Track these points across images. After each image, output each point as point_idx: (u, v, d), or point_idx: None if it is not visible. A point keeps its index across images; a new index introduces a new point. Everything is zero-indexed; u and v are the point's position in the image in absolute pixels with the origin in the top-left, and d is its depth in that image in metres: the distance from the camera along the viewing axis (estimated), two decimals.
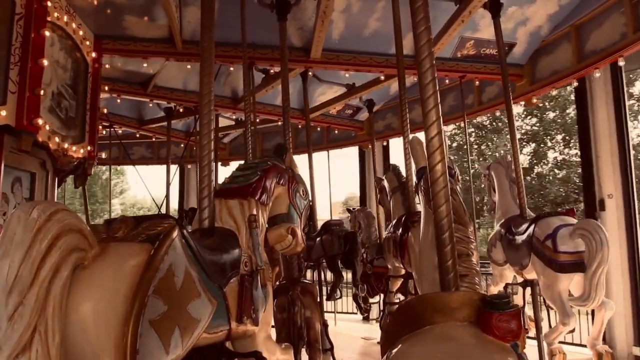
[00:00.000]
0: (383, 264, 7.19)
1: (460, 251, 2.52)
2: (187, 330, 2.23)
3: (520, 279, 5.84)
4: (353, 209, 9.42)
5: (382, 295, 7.92)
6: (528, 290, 5.79)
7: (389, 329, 2.25)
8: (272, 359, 3.32)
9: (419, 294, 3.00)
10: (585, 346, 5.88)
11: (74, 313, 1.77)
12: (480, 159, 24.44)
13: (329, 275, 8.57)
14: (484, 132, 26.06)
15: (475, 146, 25.69)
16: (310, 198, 3.90)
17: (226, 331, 2.81)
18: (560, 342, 5.56)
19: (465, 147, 18.74)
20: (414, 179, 3.44)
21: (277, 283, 4.79)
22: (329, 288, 8.40)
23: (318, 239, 7.96)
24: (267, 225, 3.46)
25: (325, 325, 6.58)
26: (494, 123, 25.43)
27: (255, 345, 3.12)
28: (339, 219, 8.83)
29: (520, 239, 5.45)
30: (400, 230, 5.65)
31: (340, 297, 8.79)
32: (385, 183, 6.67)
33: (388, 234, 6.27)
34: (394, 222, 6.15)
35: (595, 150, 7.64)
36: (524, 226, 5.48)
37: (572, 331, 5.27)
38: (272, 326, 4.35)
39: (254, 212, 3.20)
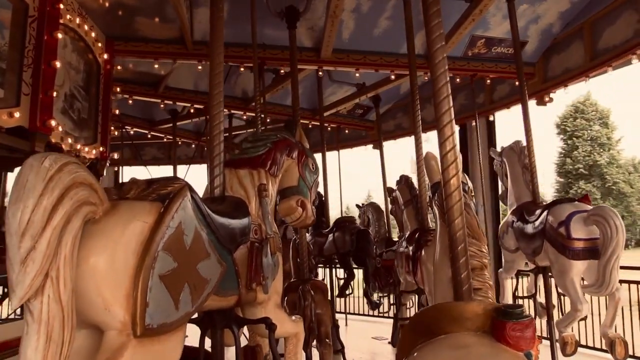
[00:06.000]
0: (391, 256, 7.19)
1: (474, 265, 2.53)
2: (196, 288, 2.25)
3: (532, 266, 5.78)
4: (362, 204, 9.43)
5: (392, 289, 7.92)
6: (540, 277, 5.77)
7: (404, 338, 2.27)
8: (281, 329, 3.29)
9: (434, 304, 3.03)
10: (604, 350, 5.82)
11: (84, 263, 1.80)
12: None
13: (340, 272, 8.59)
14: None
15: None
16: (320, 172, 3.91)
17: (236, 297, 2.83)
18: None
19: None
20: (429, 193, 3.44)
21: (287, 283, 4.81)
22: (340, 284, 8.44)
23: (330, 235, 7.95)
24: (277, 197, 3.48)
25: (336, 326, 6.57)
26: None
27: (265, 314, 3.13)
28: (351, 216, 8.86)
29: (532, 225, 5.38)
30: (413, 246, 5.63)
31: (352, 292, 8.79)
32: (398, 194, 6.66)
33: (400, 249, 6.25)
34: (406, 236, 6.12)
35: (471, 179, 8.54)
36: (537, 213, 5.40)
37: (584, 318, 5.21)
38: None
39: (264, 181, 3.22)
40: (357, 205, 9.60)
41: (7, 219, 1.60)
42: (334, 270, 8.40)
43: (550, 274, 5.42)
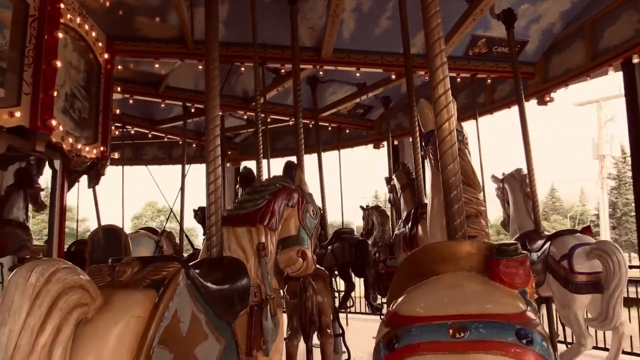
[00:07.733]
0: (396, 264, 7.09)
1: (469, 212, 2.46)
2: None
3: (534, 296, 5.76)
4: (367, 207, 9.37)
5: None
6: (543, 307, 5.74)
7: (396, 280, 2.19)
8: None
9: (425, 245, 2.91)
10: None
11: None
12: None
13: (340, 283, 8.53)
14: None
15: None
16: (320, 216, 3.80)
17: None
18: None
19: None
20: (422, 144, 3.30)
21: None
22: (340, 296, 8.38)
23: (329, 247, 7.90)
24: (277, 249, 3.39)
25: (336, 311, 6.56)
26: None
27: None
28: (350, 228, 8.81)
29: (535, 256, 5.36)
30: (410, 224, 5.59)
31: (353, 305, 8.71)
32: (395, 181, 6.63)
33: (398, 231, 6.22)
34: (403, 217, 6.11)
35: None
36: (539, 243, 5.40)
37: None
38: (284, 311, 4.39)
39: (263, 239, 3.11)
40: (362, 208, 9.51)
41: None
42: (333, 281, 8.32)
43: (553, 303, 5.40)
